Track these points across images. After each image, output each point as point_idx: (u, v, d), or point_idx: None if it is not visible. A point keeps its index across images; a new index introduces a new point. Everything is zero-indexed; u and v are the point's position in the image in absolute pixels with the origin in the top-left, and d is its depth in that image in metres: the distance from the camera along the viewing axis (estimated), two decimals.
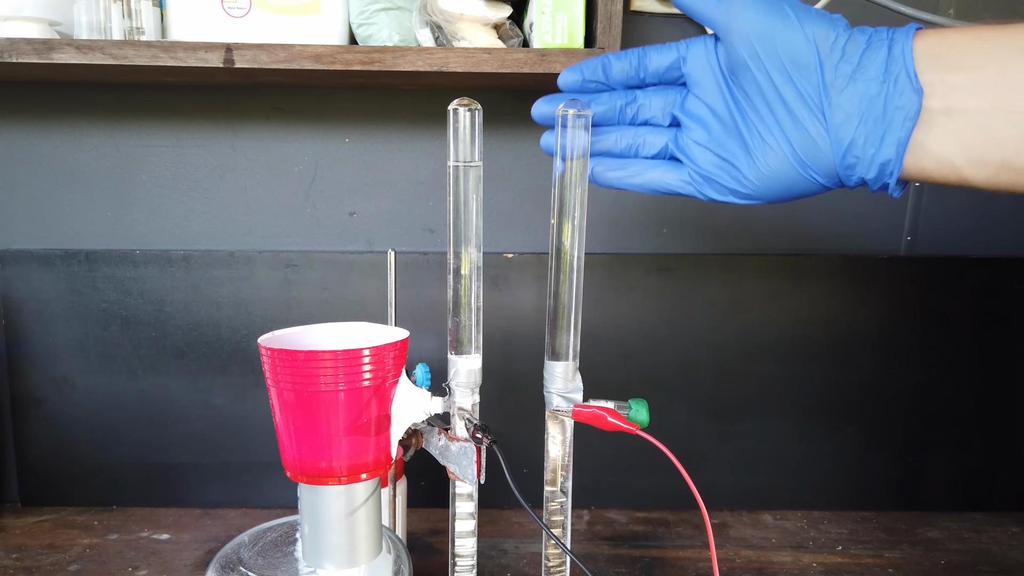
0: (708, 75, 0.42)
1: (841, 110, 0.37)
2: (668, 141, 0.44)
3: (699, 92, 0.42)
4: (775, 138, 0.39)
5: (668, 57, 0.43)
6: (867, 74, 0.36)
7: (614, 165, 0.46)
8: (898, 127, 0.36)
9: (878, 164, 0.37)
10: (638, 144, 0.45)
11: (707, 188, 0.43)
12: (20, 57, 0.58)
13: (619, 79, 0.44)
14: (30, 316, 0.76)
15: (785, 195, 0.41)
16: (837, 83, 0.36)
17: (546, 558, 0.49)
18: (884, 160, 0.37)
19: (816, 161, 0.38)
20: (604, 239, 0.80)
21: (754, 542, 0.74)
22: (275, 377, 0.40)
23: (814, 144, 0.38)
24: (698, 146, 0.43)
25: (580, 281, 0.45)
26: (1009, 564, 0.71)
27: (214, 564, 0.42)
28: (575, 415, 0.45)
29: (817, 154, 0.38)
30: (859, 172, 0.38)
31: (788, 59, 0.37)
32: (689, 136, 0.43)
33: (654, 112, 0.45)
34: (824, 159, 0.38)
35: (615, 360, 0.78)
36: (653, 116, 0.45)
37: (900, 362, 0.79)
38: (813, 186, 0.40)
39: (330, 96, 0.76)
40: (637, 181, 0.45)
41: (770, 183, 0.40)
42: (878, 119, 0.36)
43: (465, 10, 0.61)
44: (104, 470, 0.78)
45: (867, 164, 0.37)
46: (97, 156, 0.76)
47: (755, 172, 0.40)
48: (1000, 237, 0.80)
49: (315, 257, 0.76)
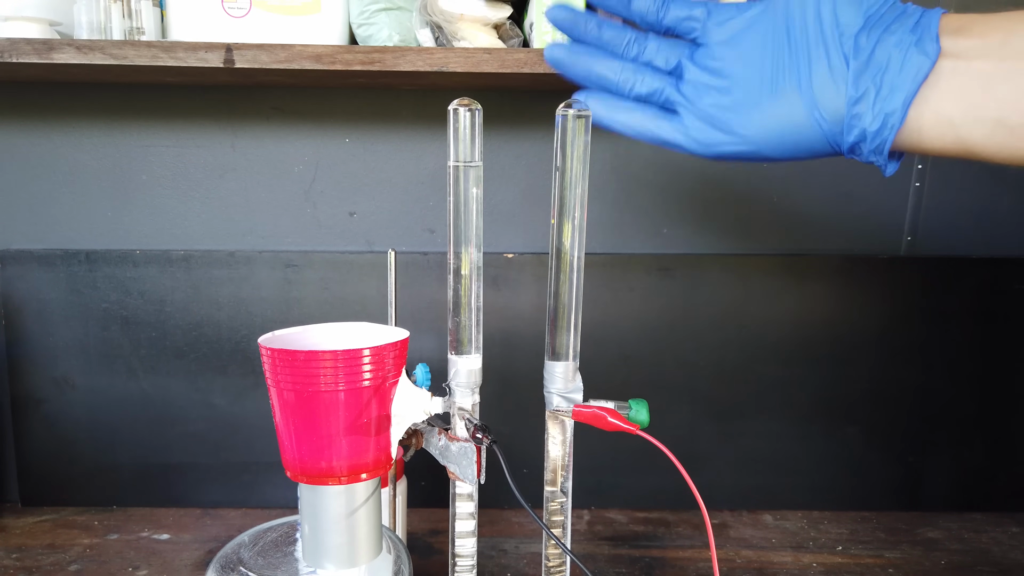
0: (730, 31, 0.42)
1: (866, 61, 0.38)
2: (665, 84, 0.44)
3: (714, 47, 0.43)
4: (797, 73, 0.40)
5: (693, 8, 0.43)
6: (896, 34, 0.38)
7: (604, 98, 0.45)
8: (909, 81, 0.37)
9: (883, 115, 0.38)
10: (635, 79, 0.45)
11: (698, 132, 0.43)
12: (20, 57, 0.58)
13: (639, 10, 0.44)
14: (30, 316, 0.76)
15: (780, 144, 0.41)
16: (870, 39, 0.38)
17: (546, 558, 0.49)
18: (890, 110, 0.38)
19: (828, 102, 0.39)
20: (604, 239, 0.80)
21: (754, 542, 0.74)
22: (275, 377, 0.40)
23: (832, 84, 0.39)
24: (700, 87, 0.43)
25: (580, 281, 0.45)
26: (1009, 564, 0.71)
27: (214, 564, 0.42)
28: (575, 415, 0.45)
29: (832, 96, 0.39)
30: (864, 123, 0.39)
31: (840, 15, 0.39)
32: (691, 78, 0.43)
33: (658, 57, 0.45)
34: (836, 102, 0.39)
35: (615, 360, 0.78)
36: (655, 60, 0.45)
37: (900, 362, 0.79)
38: (814, 133, 0.40)
39: (330, 96, 0.76)
40: (624, 118, 0.45)
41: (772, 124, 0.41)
42: (895, 73, 0.38)
43: (465, 10, 0.61)
44: (104, 470, 0.78)
45: (874, 114, 0.38)
46: (97, 156, 0.77)
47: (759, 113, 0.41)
48: (1000, 237, 0.80)
49: (315, 257, 0.76)
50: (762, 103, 0.41)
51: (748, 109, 0.41)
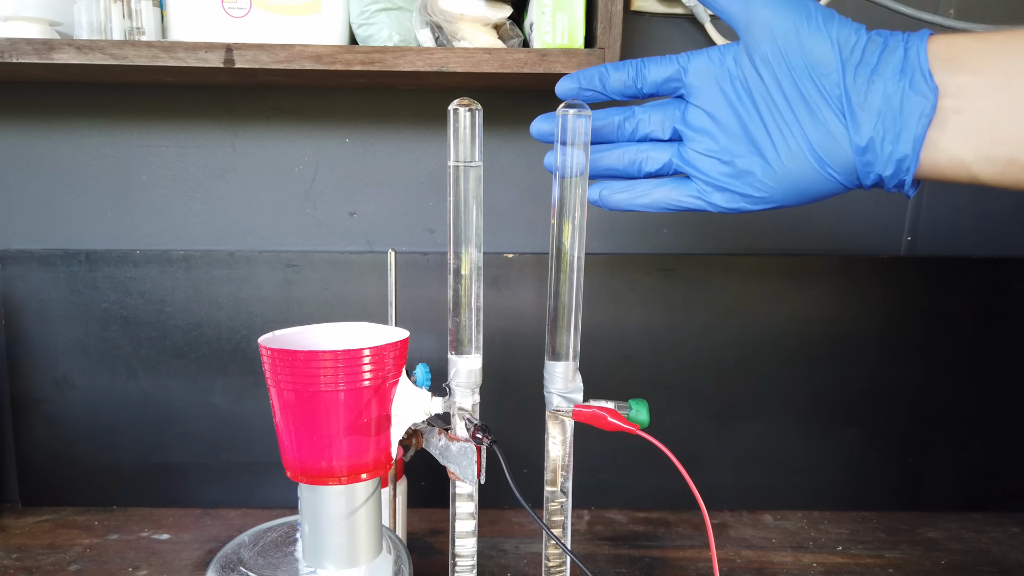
0: (712, 85, 0.42)
1: (861, 108, 0.37)
2: (671, 155, 0.45)
3: (701, 103, 0.43)
4: (794, 136, 0.39)
5: (668, 69, 0.43)
6: (884, 74, 0.37)
7: (620, 187, 0.46)
8: (914, 124, 0.37)
9: (895, 160, 0.38)
10: (641, 160, 0.45)
11: (717, 198, 0.43)
12: (20, 57, 0.58)
13: (616, 88, 0.44)
14: (30, 316, 0.76)
15: (800, 197, 0.41)
16: (858, 83, 0.37)
17: (546, 558, 0.49)
18: (901, 156, 0.37)
19: (835, 158, 0.39)
20: (604, 239, 0.80)
21: (754, 542, 0.74)
22: (275, 377, 0.40)
23: (834, 141, 0.38)
24: (705, 157, 0.43)
25: (580, 281, 0.45)
26: (1009, 564, 0.71)
27: (214, 564, 0.42)
28: (575, 415, 0.45)
29: (837, 151, 0.39)
30: (877, 169, 0.38)
31: (811, 58, 0.38)
32: (693, 148, 0.43)
33: (653, 127, 0.45)
34: (843, 156, 0.39)
35: (615, 360, 0.78)
36: (653, 131, 0.45)
37: (900, 362, 0.79)
38: (831, 184, 0.40)
39: (330, 96, 0.76)
40: (645, 201, 0.45)
41: (786, 184, 0.41)
42: (896, 116, 0.37)
43: (465, 10, 0.61)
44: (104, 470, 0.78)
45: (885, 160, 0.38)
46: (97, 156, 0.77)
47: (771, 174, 0.41)
48: (1000, 237, 0.80)
49: (315, 257, 0.76)
50: (768, 162, 0.40)
51: (755, 171, 0.41)
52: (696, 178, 0.44)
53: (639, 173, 0.46)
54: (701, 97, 0.42)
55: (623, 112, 0.45)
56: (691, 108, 0.43)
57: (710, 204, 0.44)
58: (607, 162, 0.46)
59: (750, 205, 0.42)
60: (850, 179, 0.40)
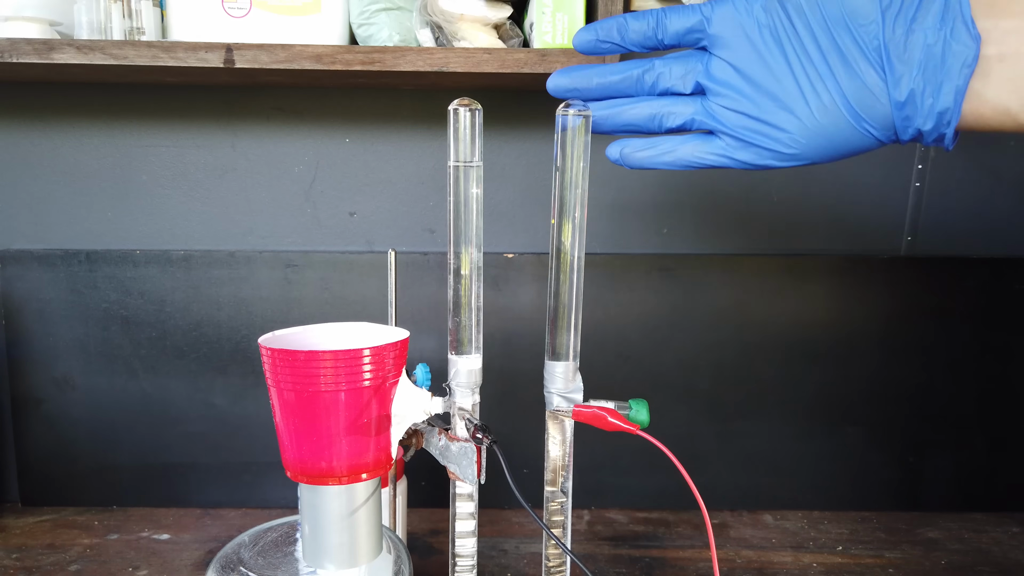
0: (739, 35, 0.40)
1: (900, 60, 0.36)
2: (694, 111, 0.42)
3: (726, 55, 0.40)
4: (828, 91, 0.38)
5: (690, 19, 0.41)
6: (924, 23, 0.35)
7: (641, 145, 0.44)
8: (956, 75, 0.35)
9: (936, 113, 0.36)
10: (662, 115, 0.43)
11: (744, 155, 0.41)
12: (20, 57, 0.58)
13: (635, 40, 0.42)
14: (30, 316, 0.76)
15: (833, 153, 0.40)
16: (896, 33, 0.36)
17: (546, 558, 0.49)
18: (942, 109, 0.36)
19: (872, 113, 0.37)
20: (604, 239, 0.80)
21: (754, 542, 0.74)
22: (275, 377, 0.40)
23: (870, 95, 0.37)
24: (732, 112, 0.41)
25: (580, 281, 0.45)
26: (1009, 564, 0.71)
27: (214, 564, 0.42)
28: (575, 415, 0.45)
29: (874, 105, 0.37)
30: (916, 123, 0.37)
31: (849, 6, 0.36)
32: (719, 102, 0.41)
33: (674, 80, 0.43)
34: (880, 111, 0.37)
35: (615, 360, 0.78)
36: (674, 84, 0.43)
37: (900, 362, 0.79)
38: (866, 140, 0.38)
39: (330, 96, 0.76)
40: (669, 159, 0.44)
41: (819, 140, 0.39)
42: (936, 68, 0.35)
43: (465, 10, 0.61)
44: (104, 470, 0.78)
45: (925, 114, 0.37)
46: (97, 156, 0.77)
47: (802, 130, 0.39)
48: (1000, 237, 0.80)
49: (315, 257, 0.76)
50: (799, 117, 0.39)
51: (783, 123, 0.39)
52: (722, 134, 0.42)
53: (660, 129, 0.43)
54: (726, 49, 0.40)
55: (642, 64, 0.43)
56: (715, 60, 0.41)
57: (736, 161, 0.42)
58: (626, 117, 0.44)
59: (779, 162, 0.41)
60: (887, 134, 0.38)
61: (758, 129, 0.40)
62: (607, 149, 0.45)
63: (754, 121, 0.40)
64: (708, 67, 0.42)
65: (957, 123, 0.36)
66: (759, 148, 0.41)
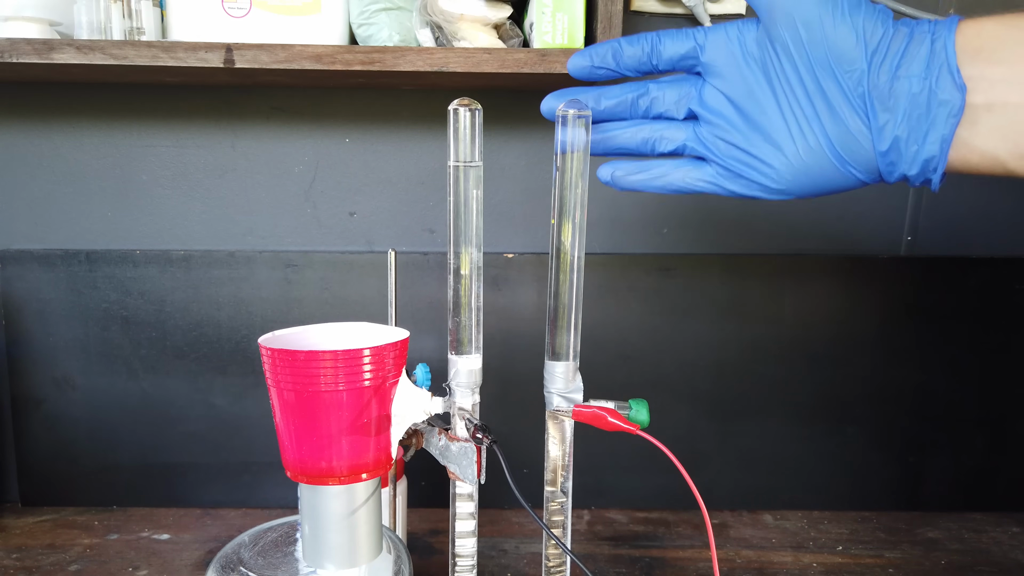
0: (731, 65, 0.40)
1: (884, 108, 0.36)
2: (687, 136, 0.43)
3: (719, 83, 0.41)
4: (814, 132, 0.38)
5: (684, 45, 0.41)
6: (910, 71, 0.35)
7: (633, 168, 0.44)
8: (942, 124, 0.35)
9: (921, 160, 0.36)
10: (655, 139, 0.43)
11: (733, 184, 0.41)
12: (20, 57, 0.58)
13: (630, 65, 0.42)
14: (30, 316, 0.76)
15: (817, 190, 0.40)
16: (881, 80, 0.36)
17: (546, 558, 0.49)
18: (928, 156, 0.36)
19: (856, 157, 0.37)
20: (604, 239, 0.79)
21: (754, 542, 0.74)
22: (275, 377, 0.40)
23: (854, 140, 0.37)
24: (722, 141, 0.41)
25: (580, 281, 0.45)
26: (1009, 564, 0.71)
27: (214, 564, 0.42)
28: (575, 415, 0.45)
29: (857, 150, 0.37)
30: (901, 169, 0.37)
31: (835, 51, 0.36)
32: (710, 131, 0.42)
33: (668, 105, 0.43)
34: (865, 155, 0.37)
35: (615, 360, 0.78)
36: (667, 109, 0.43)
37: (900, 362, 0.79)
38: (850, 181, 0.39)
39: (330, 96, 0.76)
40: (661, 183, 0.44)
41: (803, 178, 0.39)
42: (921, 116, 0.35)
43: (465, 10, 0.61)
44: (104, 470, 0.78)
45: (910, 161, 0.36)
46: (97, 156, 0.76)
47: (787, 166, 0.39)
48: (1000, 237, 0.80)
49: (315, 257, 0.76)
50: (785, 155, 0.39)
51: (770, 159, 0.39)
52: (712, 162, 0.42)
53: (652, 152, 0.44)
54: (719, 78, 0.41)
55: (637, 89, 0.43)
56: (708, 87, 0.41)
57: (724, 190, 0.42)
58: (619, 141, 0.44)
59: (766, 195, 0.41)
60: (872, 176, 0.38)
61: (746, 161, 0.41)
62: (598, 171, 0.46)
63: (743, 153, 0.41)
64: (701, 94, 0.42)
65: (944, 169, 0.36)
66: (747, 180, 0.41)
